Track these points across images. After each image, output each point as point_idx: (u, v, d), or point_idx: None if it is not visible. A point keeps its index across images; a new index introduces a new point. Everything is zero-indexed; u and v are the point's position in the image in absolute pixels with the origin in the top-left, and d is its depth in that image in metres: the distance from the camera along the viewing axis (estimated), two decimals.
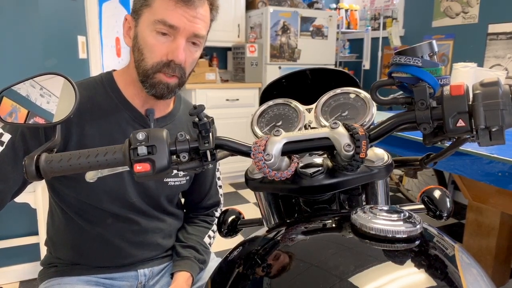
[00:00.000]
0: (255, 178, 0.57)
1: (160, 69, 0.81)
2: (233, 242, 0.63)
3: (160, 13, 0.78)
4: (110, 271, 0.94)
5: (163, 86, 0.83)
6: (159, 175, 0.51)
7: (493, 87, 0.46)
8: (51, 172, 0.51)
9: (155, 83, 0.82)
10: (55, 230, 0.96)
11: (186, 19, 0.79)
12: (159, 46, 0.80)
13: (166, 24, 0.78)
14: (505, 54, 2.86)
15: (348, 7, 4.21)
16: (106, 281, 0.93)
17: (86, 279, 0.91)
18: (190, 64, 0.85)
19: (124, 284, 0.95)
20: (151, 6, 0.79)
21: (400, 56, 0.50)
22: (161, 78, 0.82)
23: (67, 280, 0.90)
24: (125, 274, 0.95)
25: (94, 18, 2.40)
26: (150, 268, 0.98)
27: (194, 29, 0.80)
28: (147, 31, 0.80)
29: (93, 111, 0.86)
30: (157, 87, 0.82)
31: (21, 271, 2.03)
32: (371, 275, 0.37)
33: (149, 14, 0.80)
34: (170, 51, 0.80)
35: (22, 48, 1.81)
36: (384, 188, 0.59)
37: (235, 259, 0.48)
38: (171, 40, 0.80)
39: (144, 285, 0.97)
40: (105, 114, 0.86)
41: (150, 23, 0.79)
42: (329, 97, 0.63)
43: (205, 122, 0.52)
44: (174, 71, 0.81)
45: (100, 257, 0.92)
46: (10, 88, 0.58)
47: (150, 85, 0.83)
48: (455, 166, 1.56)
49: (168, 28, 0.78)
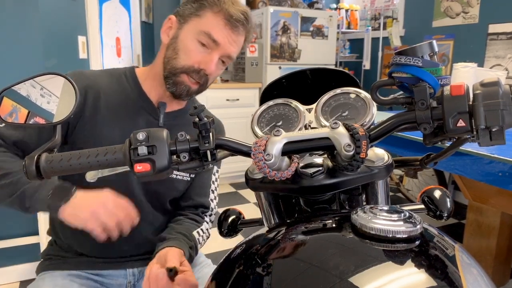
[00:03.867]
0: (255, 178, 0.57)
1: (188, 73, 0.89)
2: (233, 242, 0.63)
3: (208, 26, 0.87)
4: (100, 266, 0.95)
5: (184, 88, 0.90)
6: (159, 175, 0.51)
7: (494, 87, 0.46)
8: (52, 172, 0.51)
9: (178, 82, 0.90)
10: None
11: (227, 40, 0.88)
12: (195, 53, 0.88)
13: (211, 37, 0.87)
14: (506, 54, 2.86)
15: (348, 7, 4.21)
16: (96, 277, 0.95)
17: (76, 273, 0.94)
18: (213, 77, 0.93)
19: (113, 282, 0.97)
20: (201, 17, 0.88)
21: (400, 56, 0.50)
22: (184, 80, 0.90)
23: (58, 274, 0.93)
24: (114, 272, 0.96)
25: (94, 18, 2.40)
26: (139, 268, 0.99)
27: (230, 51, 0.90)
28: (189, 36, 0.88)
29: (110, 93, 0.92)
30: (178, 86, 0.90)
31: (21, 271, 2.03)
32: (371, 275, 0.37)
33: (196, 23, 0.88)
34: (203, 61, 0.88)
35: (22, 48, 1.81)
36: (384, 188, 0.59)
37: (235, 259, 0.48)
38: (208, 52, 0.88)
39: (133, 285, 0.99)
40: (120, 97, 0.93)
41: (195, 31, 0.88)
42: (330, 97, 0.63)
43: (205, 122, 0.52)
44: (200, 79, 0.90)
45: (90, 245, 0.93)
46: (10, 88, 0.58)
47: (174, 82, 0.90)
48: (455, 166, 1.56)
49: (210, 41, 0.87)
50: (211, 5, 0.87)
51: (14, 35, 1.79)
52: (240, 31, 0.89)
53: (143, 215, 0.94)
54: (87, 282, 0.93)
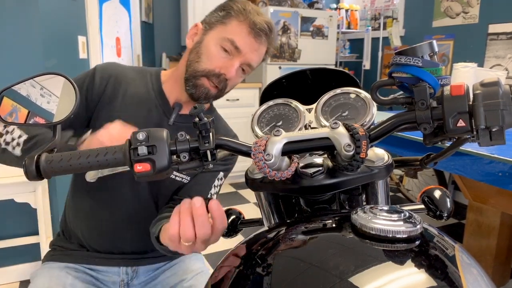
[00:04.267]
0: (255, 178, 0.57)
1: (208, 76, 0.91)
2: (233, 242, 0.63)
3: (232, 33, 0.90)
4: (97, 262, 0.99)
5: (203, 90, 0.92)
6: (159, 175, 0.51)
7: (494, 87, 0.46)
8: (52, 172, 0.51)
9: (198, 84, 0.92)
10: (71, 201, 1.04)
11: (249, 48, 0.91)
12: (218, 58, 0.91)
13: (233, 44, 0.89)
14: (506, 54, 2.86)
15: (348, 7, 4.21)
16: (91, 272, 0.99)
17: (74, 266, 0.98)
18: (232, 84, 0.95)
19: (107, 279, 0.99)
20: (226, 25, 0.91)
21: (401, 56, 0.50)
22: (204, 83, 0.92)
23: (56, 265, 0.98)
24: (109, 269, 0.99)
25: (94, 18, 2.40)
26: (133, 267, 1.00)
27: (251, 59, 0.92)
28: (213, 42, 0.91)
29: (131, 84, 0.96)
30: (198, 88, 0.92)
31: (21, 271, 2.03)
32: (371, 275, 0.37)
33: (221, 30, 0.91)
34: (224, 66, 0.91)
35: (22, 48, 1.81)
36: (384, 188, 0.59)
37: (235, 259, 0.48)
38: (229, 58, 0.91)
39: (127, 283, 1.00)
40: (139, 90, 0.97)
41: (219, 38, 0.91)
42: (329, 97, 0.63)
43: (205, 122, 0.52)
44: (219, 83, 0.92)
45: (95, 236, 0.99)
46: (10, 88, 0.58)
47: (194, 84, 0.93)
48: (455, 166, 1.56)
49: (232, 47, 0.90)
50: (237, 14, 0.91)
51: (14, 35, 1.79)
52: (262, 41, 0.92)
53: (149, 216, 0.94)
54: (82, 276, 0.97)
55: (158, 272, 1.03)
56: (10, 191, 1.79)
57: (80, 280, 0.95)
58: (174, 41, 4.00)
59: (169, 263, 1.05)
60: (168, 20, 3.98)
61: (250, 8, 0.92)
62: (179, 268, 1.02)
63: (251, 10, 0.91)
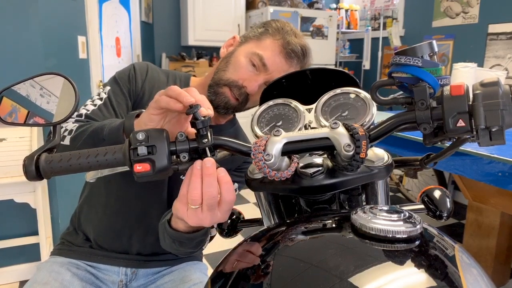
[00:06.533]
0: (255, 178, 0.57)
1: (230, 86, 0.91)
2: (233, 242, 0.63)
3: (263, 49, 0.89)
4: (98, 260, 0.99)
5: (223, 99, 0.92)
6: (159, 175, 0.51)
7: (493, 87, 0.46)
8: (51, 172, 0.51)
9: (219, 92, 0.92)
10: (88, 194, 1.04)
11: (277, 67, 0.89)
12: (244, 70, 0.90)
13: (262, 60, 0.89)
14: (505, 54, 2.86)
15: (348, 7, 4.22)
16: (92, 269, 0.99)
17: (75, 262, 0.99)
18: (254, 100, 0.93)
19: (106, 278, 0.99)
20: (260, 41, 0.92)
21: (400, 56, 0.50)
22: (225, 91, 0.92)
23: (59, 260, 0.99)
24: (110, 268, 0.99)
25: (94, 18, 2.41)
26: (132, 269, 1.00)
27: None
28: (243, 54, 0.92)
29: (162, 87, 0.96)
30: (218, 96, 0.93)
31: (21, 271, 2.03)
32: (371, 275, 0.37)
33: (254, 44, 0.92)
34: (248, 79, 0.90)
35: (22, 48, 1.81)
36: (384, 188, 0.59)
37: (235, 259, 0.48)
38: (255, 73, 0.90)
39: (125, 284, 1.00)
40: None
41: (250, 51, 0.91)
42: (329, 97, 0.63)
43: (202, 120, 0.52)
44: (240, 96, 0.92)
45: (100, 228, 0.99)
46: (10, 88, 0.58)
47: (215, 91, 0.93)
48: (455, 166, 1.56)
49: (260, 63, 0.89)
50: (274, 32, 0.91)
51: (14, 35, 1.79)
52: (293, 63, 0.90)
53: (160, 217, 0.94)
54: (81, 273, 0.97)
55: (157, 276, 1.03)
56: (10, 191, 1.79)
57: (79, 278, 0.95)
58: (174, 41, 4.00)
59: (169, 268, 1.04)
60: (168, 20, 3.98)
61: (289, 29, 0.91)
62: (178, 275, 1.01)
63: (289, 30, 0.91)
